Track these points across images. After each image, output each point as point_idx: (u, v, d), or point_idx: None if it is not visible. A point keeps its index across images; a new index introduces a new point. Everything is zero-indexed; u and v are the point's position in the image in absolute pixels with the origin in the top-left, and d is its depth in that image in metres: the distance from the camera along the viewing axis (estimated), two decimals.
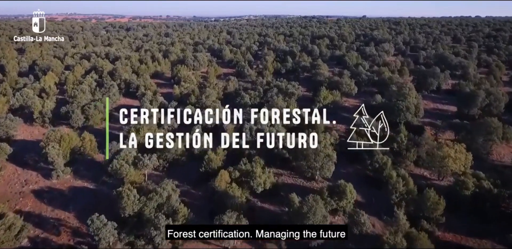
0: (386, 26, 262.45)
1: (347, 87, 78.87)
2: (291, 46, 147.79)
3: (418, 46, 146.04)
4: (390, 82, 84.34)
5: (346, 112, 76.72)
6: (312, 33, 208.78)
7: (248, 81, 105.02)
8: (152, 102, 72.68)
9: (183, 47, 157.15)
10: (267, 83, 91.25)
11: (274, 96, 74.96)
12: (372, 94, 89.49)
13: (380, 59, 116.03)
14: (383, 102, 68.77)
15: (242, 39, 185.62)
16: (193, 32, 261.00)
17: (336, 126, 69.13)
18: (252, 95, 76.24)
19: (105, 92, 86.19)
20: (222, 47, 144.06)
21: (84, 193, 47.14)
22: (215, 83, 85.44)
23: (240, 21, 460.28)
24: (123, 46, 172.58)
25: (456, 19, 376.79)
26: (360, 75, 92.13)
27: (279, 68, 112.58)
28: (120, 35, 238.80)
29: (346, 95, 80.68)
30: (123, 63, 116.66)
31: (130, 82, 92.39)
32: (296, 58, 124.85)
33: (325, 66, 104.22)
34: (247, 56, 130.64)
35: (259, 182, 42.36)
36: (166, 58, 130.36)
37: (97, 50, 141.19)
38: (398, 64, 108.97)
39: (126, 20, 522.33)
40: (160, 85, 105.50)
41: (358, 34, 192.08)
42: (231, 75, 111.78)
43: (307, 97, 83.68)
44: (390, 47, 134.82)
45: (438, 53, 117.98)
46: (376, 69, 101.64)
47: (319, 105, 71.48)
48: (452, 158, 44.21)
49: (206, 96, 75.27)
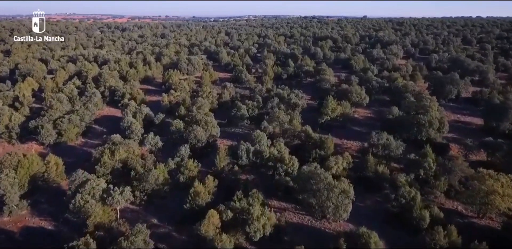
0: (390, 27, 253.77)
1: (358, 96, 69.77)
2: (292, 48, 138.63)
3: (427, 49, 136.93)
4: (404, 90, 75.23)
5: (357, 126, 67.56)
6: (313, 34, 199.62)
7: (246, 88, 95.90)
8: (136, 115, 63.54)
9: (178, 49, 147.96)
10: (267, 90, 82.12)
11: (275, 107, 65.82)
12: (384, 103, 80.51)
13: (389, 63, 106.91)
14: (401, 115, 59.50)
15: (241, 41, 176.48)
16: (190, 33, 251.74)
17: (346, 143, 59.97)
18: (250, 106, 67.11)
19: (86, 101, 77.08)
20: (219, 49, 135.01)
21: (39, 236, 37.93)
22: (208, 91, 76.27)
23: (240, 22, 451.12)
24: (116, 48, 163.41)
25: (458, 19, 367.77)
26: (370, 81, 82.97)
27: (279, 73, 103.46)
28: (114, 36, 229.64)
29: (356, 105, 71.45)
30: (111, 67, 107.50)
31: (115, 90, 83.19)
32: (298, 61, 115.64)
33: (330, 71, 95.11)
34: (245, 60, 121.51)
35: (257, 227, 33.24)
36: (158, 61, 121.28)
37: (85, 53, 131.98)
38: (410, 69, 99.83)
39: (124, 20, 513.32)
40: (150, 92, 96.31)
41: (363, 35, 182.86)
42: (228, 81, 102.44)
43: (312, 107, 74.51)
44: (399, 49, 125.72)
45: (452, 57, 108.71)
46: (386, 75, 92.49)
47: (326, 118, 62.30)
48: (500, 194, 35.15)
49: (197, 107, 66.16)
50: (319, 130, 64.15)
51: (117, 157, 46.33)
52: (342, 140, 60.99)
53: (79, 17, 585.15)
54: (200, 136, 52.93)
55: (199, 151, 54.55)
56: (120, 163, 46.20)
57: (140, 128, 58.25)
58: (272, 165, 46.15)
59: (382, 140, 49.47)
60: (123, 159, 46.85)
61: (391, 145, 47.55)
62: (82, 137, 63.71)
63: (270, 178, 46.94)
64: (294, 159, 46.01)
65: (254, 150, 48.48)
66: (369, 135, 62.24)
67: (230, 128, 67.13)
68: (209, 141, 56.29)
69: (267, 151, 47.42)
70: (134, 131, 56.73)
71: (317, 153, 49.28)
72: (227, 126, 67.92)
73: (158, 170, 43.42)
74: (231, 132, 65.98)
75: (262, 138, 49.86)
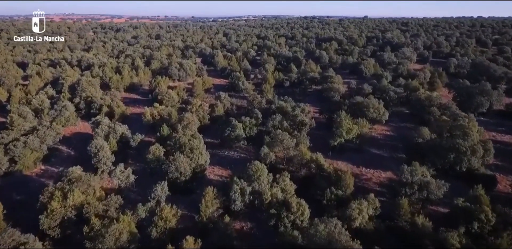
0: (395, 27, 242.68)
1: (375, 112, 58.48)
2: (294, 51, 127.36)
3: (441, 51, 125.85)
4: (428, 103, 64.11)
5: (375, 147, 56.20)
6: (316, 35, 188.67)
7: (243, 97, 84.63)
8: (108, 136, 52.28)
9: (171, 52, 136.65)
10: (267, 102, 70.80)
11: (277, 125, 54.55)
12: (404, 118, 69.24)
13: (403, 68, 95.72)
14: (432, 139, 48.16)
15: (239, 42, 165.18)
16: (187, 33, 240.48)
17: (366, 173, 48.72)
18: (247, 124, 55.86)
19: (55, 115, 65.86)
20: (215, 52, 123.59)
21: None
22: (199, 105, 64.93)
23: (239, 22, 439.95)
24: (105, 50, 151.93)
25: (458, 19, 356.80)
26: (386, 91, 71.83)
27: (281, 79, 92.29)
28: (106, 37, 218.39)
29: (372, 121, 60.19)
30: (94, 73, 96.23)
31: (92, 101, 71.92)
32: (302, 66, 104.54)
33: (338, 78, 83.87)
34: (243, 64, 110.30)
35: None
36: (148, 65, 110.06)
37: (68, 57, 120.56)
38: (428, 75, 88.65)
39: (122, 21, 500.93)
40: (134, 102, 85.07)
41: (369, 36, 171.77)
42: (223, 89, 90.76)
43: (320, 123, 63.21)
44: (412, 53, 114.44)
45: (474, 61, 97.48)
46: (402, 82, 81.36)
47: (340, 141, 51.06)
48: None
49: (183, 126, 54.89)
50: (330, 154, 53.10)
51: (71, 202, 35.07)
52: (360, 168, 49.75)
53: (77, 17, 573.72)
54: (183, 168, 41.67)
55: (182, 185, 43.35)
56: (74, 210, 34.93)
57: (109, 154, 46.87)
58: (275, 212, 34.91)
59: (417, 175, 38.22)
60: (79, 204, 35.60)
61: (431, 185, 36.29)
62: (43, 163, 52.37)
63: (273, 228, 35.71)
64: (303, 204, 34.79)
65: (251, 189, 37.24)
66: (391, 160, 51.74)
67: (223, 151, 55.91)
68: (196, 170, 45.04)
69: (268, 194, 36.16)
70: (101, 159, 45.40)
71: (332, 193, 38.03)
72: (219, 147, 56.75)
73: (122, 222, 32.16)
74: (224, 156, 54.77)
75: (261, 172, 38.61)
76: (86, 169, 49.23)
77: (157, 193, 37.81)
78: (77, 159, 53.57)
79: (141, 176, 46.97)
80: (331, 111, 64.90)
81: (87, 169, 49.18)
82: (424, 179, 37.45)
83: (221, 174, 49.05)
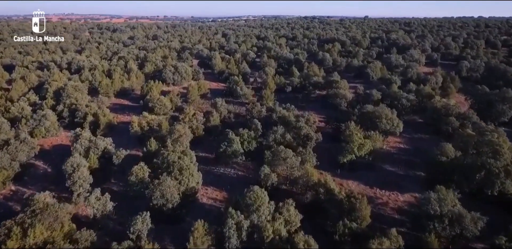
0: (398, 27, 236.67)
1: (389, 123, 52.37)
2: (296, 53, 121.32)
3: (450, 53, 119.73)
4: (445, 111, 58.11)
5: (389, 163, 49.99)
6: (318, 36, 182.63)
7: (241, 104, 78.61)
8: (88, 152, 46.21)
9: (166, 53, 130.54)
10: (267, 110, 64.64)
11: (278, 139, 48.51)
12: (417, 128, 63.04)
13: (412, 72, 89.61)
14: (457, 157, 42.07)
15: (238, 43, 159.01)
16: (185, 34, 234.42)
17: (381, 196, 42.62)
18: (245, 138, 49.75)
19: (34, 126, 59.80)
20: (212, 54, 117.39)
21: None
22: (192, 114, 58.80)
23: (239, 22, 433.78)
24: (99, 52, 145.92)
25: (460, 19, 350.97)
26: (397, 98, 65.83)
27: (283, 84, 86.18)
28: (102, 37, 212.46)
29: (384, 132, 54.05)
30: (83, 77, 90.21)
31: (77, 109, 65.82)
32: (304, 69, 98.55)
33: (344, 83, 77.83)
34: (242, 67, 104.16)
35: None
36: (142, 68, 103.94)
37: (57, 59, 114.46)
38: (440, 80, 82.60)
39: (122, 21, 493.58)
40: (124, 108, 78.92)
41: (373, 37, 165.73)
42: (221, 94, 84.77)
43: (327, 134, 56.90)
44: (420, 55, 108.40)
45: (489, 65, 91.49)
46: (412, 88, 75.36)
47: (350, 158, 45.01)
48: None
49: (173, 140, 48.83)
50: (339, 172, 47.11)
51: (31, 240, 29.01)
52: (374, 189, 43.68)
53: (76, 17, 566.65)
54: (169, 194, 35.59)
55: (169, 213, 37.27)
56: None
57: (87, 175, 40.73)
58: None
59: (446, 205, 32.14)
60: (41, 242, 29.53)
61: (465, 219, 30.21)
62: (14, 182, 46.27)
63: None
64: (312, 244, 28.69)
65: (249, 223, 31.18)
66: (409, 179, 45.71)
67: (219, 168, 49.80)
68: (186, 193, 38.96)
69: (270, 230, 30.08)
70: (77, 181, 39.27)
71: (346, 226, 31.96)
72: (214, 163, 50.68)
73: None
74: (219, 174, 48.67)
75: (261, 201, 32.53)
76: (63, 190, 43.64)
77: (137, 227, 31.70)
78: (54, 177, 47.56)
79: (124, 199, 41.05)
80: (338, 121, 58.92)
81: (63, 190, 43.65)
82: (456, 210, 31.39)
83: (215, 196, 42.97)
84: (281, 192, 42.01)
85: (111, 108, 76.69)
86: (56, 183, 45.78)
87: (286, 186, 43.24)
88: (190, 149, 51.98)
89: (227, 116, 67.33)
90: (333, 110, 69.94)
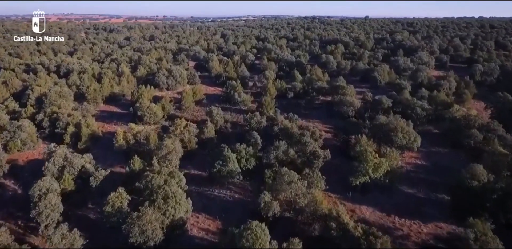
0: (400, 28, 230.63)
1: (405, 137, 46.32)
2: (297, 55, 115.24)
3: (460, 55, 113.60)
4: (465, 123, 52.12)
5: (406, 183, 43.76)
6: (320, 37, 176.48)
7: (239, 111, 72.63)
8: (63, 171, 40.20)
9: (162, 55, 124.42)
10: (268, 118, 58.52)
11: (281, 156, 42.51)
12: (434, 140, 56.84)
13: (422, 76, 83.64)
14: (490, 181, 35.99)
15: (237, 44, 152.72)
16: (183, 34, 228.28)
17: (401, 226, 36.54)
18: (243, 154, 43.67)
19: (9, 138, 53.68)
20: (209, 56, 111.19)
21: None
22: (184, 125, 52.67)
23: (238, 22, 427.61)
24: (92, 53, 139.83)
25: (461, 19, 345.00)
26: (411, 107, 59.79)
27: (284, 89, 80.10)
28: (97, 38, 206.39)
29: (400, 147, 47.91)
30: (71, 81, 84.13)
31: (58, 118, 59.71)
32: (307, 73, 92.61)
33: (351, 89, 71.79)
34: (240, 70, 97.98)
35: None
36: (135, 71, 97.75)
37: (46, 61, 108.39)
38: (453, 85, 76.59)
39: (121, 21, 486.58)
40: (112, 117, 72.58)
41: (377, 38, 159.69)
42: (217, 101, 78.39)
43: (334, 147, 50.78)
44: (430, 57, 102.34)
45: (506, 69, 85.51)
46: (424, 94, 69.46)
47: (365, 179, 38.99)
48: None
49: (161, 157, 42.84)
50: (350, 195, 41.15)
51: None
52: (392, 218, 37.64)
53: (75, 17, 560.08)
54: (150, 231, 29.55)
55: None
56: None
57: (56, 202, 34.64)
58: None
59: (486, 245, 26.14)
60: None
61: None
62: None
63: None
64: None
65: None
66: (431, 204, 39.72)
67: (213, 189, 43.73)
68: (173, 224, 32.94)
69: None
70: (43, 212, 33.19)
71: None
72: (208, 183, 44.63)
73: None
74: (213, 197, 42.58)
75: (262, 244, 26.49)
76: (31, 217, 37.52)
77: None
78: (24, 201, 41.38)
79: (100, 230, 35.09)
80: (347, 133, 52.91)
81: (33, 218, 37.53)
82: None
83: (207, 226, 36.92)
84: (284, 221, 36.05)
85: (98, 117, 70.80)
86: (26, 208, 39.73)
87: (290, 214, 37.23)
88: (181, 166, 46.41)
89: (223, 126, 61.39)
90: (340, 119, 64.02)
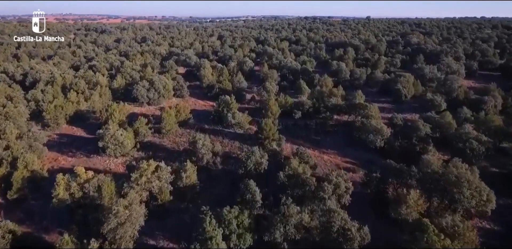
0: (408, 29, 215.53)
1: (475, 196, 31.13)
2: (302, 61, 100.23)
3: (490, 61, 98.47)
4: None
5: None
6: (325, 39, 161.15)
7: (234, 136, 57.61)
8: None
9: (147, 61, 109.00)
10: (270, 154, 43.42)
11: (291, 234, 27.47)
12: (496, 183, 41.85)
13: (458, 89, 68.53)
14: None
15: (234, 48, 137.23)
16: (178, 36, 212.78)
17: None
18: (233, 228, 28.50)
19: None
20: (202, 62, 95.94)
21: None
22: (151, 171, 37.48)
23: (237, 22, 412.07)
24: (72, 58, 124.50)
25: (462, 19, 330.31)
26: (462, 139, 44.68)
27: (289, 105, 65.07)
28: (84, 40, 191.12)
29: (467, 211, 32.72)
30: (31, 96, 69.06)
31: None
32: (315, 83, 77.75)
33: (375, 108, 56.70)
34: (237, 79, 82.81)
35: None
36: (112, 80, 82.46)
37: (10, 69, 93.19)
38: (499, 102, 61.63)
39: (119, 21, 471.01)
40: (72, 144, 56.85)
41: (388, 40, 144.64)
42: (207, 121, 63.49)
43: (361, 196, 35.93)
44: (459, 65, 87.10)
45: None
46: (465, 114, 54.73)
47: None
48: None
49: (110, 231, 27.84)
50: None
51: None
52: None
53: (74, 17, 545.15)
54: None
55: None
56: None
57: None
58: None
59: None
60: None
61: None
62: None
63: None
64: None
65: None
66: None
67: None
68: None
69: None
70: None
71: None
72: None
73: None
74: None
75: None
76: None
77: None
78: None
79: None
80: (380, 179, 37.84)
81: None
82: None
83: None
84: None
85: (54, 144, 55.72)
86: None
87: None
88: (146, 233, 31.50)
89: (211, 162, 46.44)
90: (364, 150, 49.18)
